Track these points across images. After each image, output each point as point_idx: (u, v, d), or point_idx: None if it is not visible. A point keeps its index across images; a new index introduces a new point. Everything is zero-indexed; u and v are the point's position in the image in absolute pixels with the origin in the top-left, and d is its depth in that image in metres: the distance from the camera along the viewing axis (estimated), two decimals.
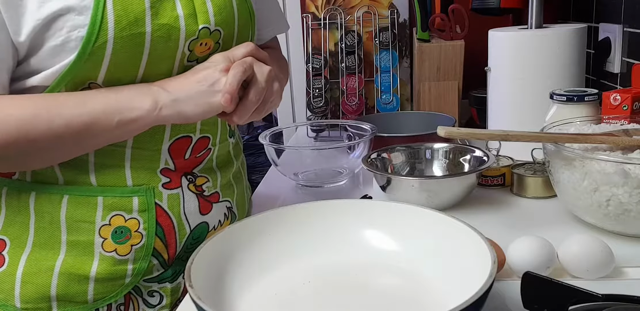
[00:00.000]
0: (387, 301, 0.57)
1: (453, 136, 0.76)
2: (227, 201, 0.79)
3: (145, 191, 0.69)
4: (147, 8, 0.62)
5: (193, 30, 0.65)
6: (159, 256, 0.72)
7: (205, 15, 0.66)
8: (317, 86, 1.42)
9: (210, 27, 0.67)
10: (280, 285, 0.61)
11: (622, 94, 0.86)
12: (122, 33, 0.61)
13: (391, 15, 1.44)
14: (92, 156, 0.67)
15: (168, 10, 0.64)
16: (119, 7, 0.60)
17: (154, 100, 0.63)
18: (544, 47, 1.01)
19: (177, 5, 0.65)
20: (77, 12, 0.59)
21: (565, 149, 0.72)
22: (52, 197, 0.68)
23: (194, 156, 0.73)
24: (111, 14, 0.60)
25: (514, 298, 0.59)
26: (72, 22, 0.59)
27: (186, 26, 0.65)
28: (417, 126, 1.21)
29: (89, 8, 0.59)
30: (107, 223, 0.68)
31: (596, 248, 0.63)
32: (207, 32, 0.67)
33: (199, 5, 0.66)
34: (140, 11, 0.61)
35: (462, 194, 0.86)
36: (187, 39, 0.65)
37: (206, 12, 0.67)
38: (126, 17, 0.61)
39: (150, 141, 0.69)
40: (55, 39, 0.60)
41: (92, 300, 0.70)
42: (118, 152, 0.68)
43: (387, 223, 0.66)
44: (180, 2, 0.65)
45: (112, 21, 0.60)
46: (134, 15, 0.61)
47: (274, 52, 0.87)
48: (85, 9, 0.59)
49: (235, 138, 0.84)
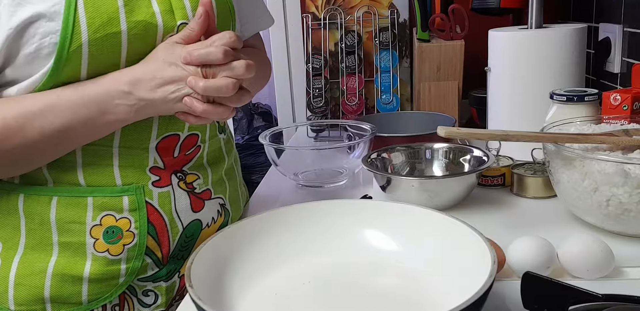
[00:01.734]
0: (387, 301, 0.57)
1: (453, 136, 0.75)
2: (220, 198, 0.79)
3: (135, 190, 0.69)
4: (121, 6, 0.62)
5: (171, 26, 0.65)
6: (152, 254, 0.72)
7: (183, 10, 0.66)
8: (317, 86, 1.42)
9: (189, 22, 0.66)
10: (280, 285, 0.61)
11: (622, 94, 0.86)
12: (96, 34, 0.60)
13: (391, 15, 1.44)
14: (80, 156, 0.67)
15: (143, 7, 0.64)
16: (90, 8, 0.60)
17: (128, 104, 0.63)
18: (544, 47, 1.01)
19: (152, 2, 0.64)
20: (47, 18, 0.59)
21: (565, 149, 0.72)
22: (41, 199, 0.67)
23: (183, 154, 0.73)
24: (83, 16, 0.60)
25: (514, 298, 0.59)
26: (43, 29, 0.59)
27: (164, 22, 0.65)
28: (417, 126, 1.21)
29: (59, 13, 0.59)
30: (98, 223, 0.68)
31: (596, 248, 0.63)
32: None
33: (175, 1, 0.66)
34: (114, 10, 0.61)
35: (462, 194, 0.86)
36: (165, 35, 0.65)
37: (183, 7, 0.66)
38: (99, 17, 0.60)
39: (138, 139, 0.69)
40: (29, 47, 0.60)
41: (86, 300, 0.70)
42: (105, 151, 0.68)
43: (387, 223, 0.66)
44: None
45: (84, 24, 0.60)
46: (107, 15, 0.61)
47: (256, 54, 0.87)
48: (55, 15, 0.59)
49: (227, 134, 0.84)
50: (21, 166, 0.65)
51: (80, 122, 0.63)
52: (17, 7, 0.59)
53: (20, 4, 0.59)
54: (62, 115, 0.62)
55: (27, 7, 0.59)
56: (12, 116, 0.61)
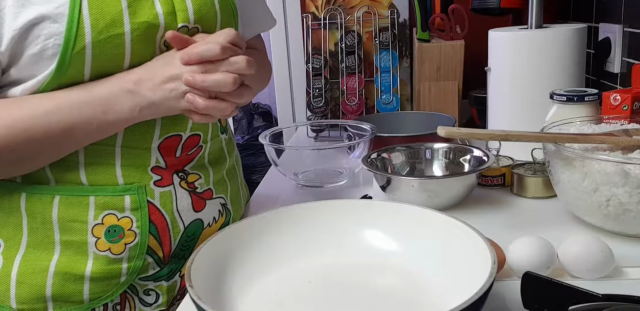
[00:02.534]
0: (387, 301, 0.57)
1: (453, 136, 0.75)
2: (221, 197, 0.79)
3: (137, 189, 0.69)
4: (125, 7, 0.62)
5: (172, 28, 0.66)
6: (153, 254, 0.72)
7: (185, 13, 0.66)
8: (317, 86, 1.42)
9: (189, 25, 0.67)
10: (281, 285, 0.61)
11: (622, 94, 0.86)
12: (99, 36, 0.61)
13: (391, 15, 1.44)
14: (82, 155, 0.67)
15: (146, 8, 0.64)
16: (95, 10, 0.60)
17: (133, 103, 0.63)
18: (544, 47, 1.01)
19: (155, 3, 0.64)
20: (51, 20, 0.59)
21: (566, 149, 0.72)
22: (43, 197, 0.68)
23: (185, 154, 0.73)
24: (87, 18, 0.60)
25: (514, 298, 0.59)
26: (47, 30, 0.59)
27: (165, 24, 0.65)
28: (417, 126, 1.21)
29: (64, 15, 0.59)
30: (99, 222, 0.68)
31: (596, 248, 0.63)
32: (186, 30, 0.67)
33: (178, 3, 0.66)
34: (117, 12, 0.61)
35: (462, 194, 0.86)
36: (162, 37, 0.65)
37: (185, 10, 0.66)
38: (103, 19, 0.61)
39: (140, 139, 0.69)
40: (33, 48, 0.60)
41: (88, 299, 0.70)
42: (108, 151, 0.68)
43: (387, 223, 0.66)
44: (158, 0, 0.65)
45: (88, 25, 0.60)
46: (110, 17, 0.61)
47: (257, 54, 0.86)
48: (60, 17, 0.59)
49: (228, 134, 0.84)
50: (25, 165, 0.66)
51: (85, 122, 0.63)
52: (21, 9, 0.59)
53: (25, 5, 0.59)
54: (68, 115, 0.62)
55: (31, 9, 0.59)
56: (20, 116, 0.61)
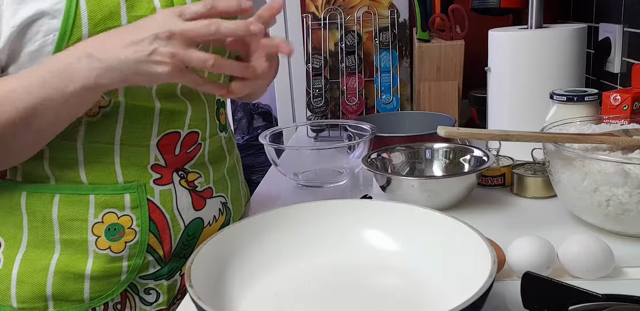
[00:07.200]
0: (387, 301, 0.57)
1: (453, 136, 0.76)
2: (222, 196, 0.79)
3: (137, 187, 0.69)
4: (122, 1, 0.62)
5: None
6: (154, 252, 0.72)
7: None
8: (317, 86, 1.42)
9: None
10: (281, 285, 0.61)
11: (622, 94, 0.86)
12: (96, 28, 0.60)
13: (391, 15, 1.44)
14: (81, 153, 0.67)
15: (144, 2, 0.64)
16: (92, 3, 0.60)
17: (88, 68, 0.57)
18: (544, 47, 1.01)
19: None
20: (50, 16, 0.59)
21: (566, 149, 0.72)
22: (43, 196, 0.68)
23: (184, 152, 0.73)
24: (84, 10, 0.60)
25: (514, 298, 0.59)
26: (46, 26, 0.59)
27: None
28: (417, 126, 1.21)
29: (62, 10, 0.59)
30: (99, 221, 0.68)
31: (596, 248, 0.63)
32: None
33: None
34: (115, 5, 0.61)
35: (462, 194, 0.86)
36: None
37: (184, 3, 0.66)
38: (100, 12, 0.60)
39: (138, 137, 0.69)
40: (32, 45, 0.60)
41: (88, 298, 0.70)
42: (106, 149, 0.68)
43: (387, 223, 0.66)
44: None
45: (85, 18, 0.60)
46: (108, 9, 0.61)
47: None
48: (59, 12, 0.59)
49: (228, 133, 0.84)
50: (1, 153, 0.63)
51: (47, 98, 0.59)
52: (19, 5, 0.59)
53: (23, 1, 0.59)
54: (34, 90, 0.58)
55: (29, 5, 0.59)
56: None
